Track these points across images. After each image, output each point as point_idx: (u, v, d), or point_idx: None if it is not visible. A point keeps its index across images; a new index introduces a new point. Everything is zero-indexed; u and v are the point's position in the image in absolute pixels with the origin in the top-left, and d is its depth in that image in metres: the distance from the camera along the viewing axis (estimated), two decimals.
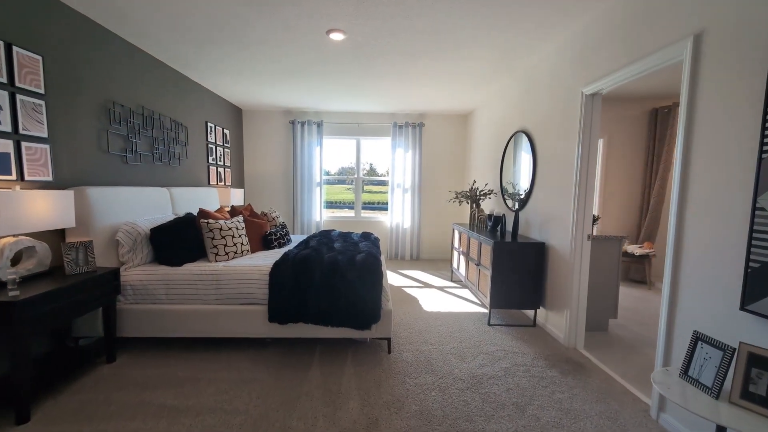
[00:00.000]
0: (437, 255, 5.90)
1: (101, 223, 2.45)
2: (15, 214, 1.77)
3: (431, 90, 4.25)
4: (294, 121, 5.49)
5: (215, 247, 2.76)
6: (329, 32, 2.68)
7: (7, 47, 1.97)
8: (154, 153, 3.32)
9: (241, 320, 2.48)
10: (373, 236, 3.85)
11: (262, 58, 3.32)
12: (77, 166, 2.48)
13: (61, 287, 1.90)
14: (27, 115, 2.08)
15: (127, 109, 2.95)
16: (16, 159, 2.02)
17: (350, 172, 6.04)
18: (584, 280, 2.64)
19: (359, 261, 2.57)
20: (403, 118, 5.61)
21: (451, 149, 5.72)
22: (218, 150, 4.72)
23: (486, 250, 3.19)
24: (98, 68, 2.65)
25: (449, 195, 5.76)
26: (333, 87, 4.19)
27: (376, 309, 2.42)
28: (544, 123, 3.10)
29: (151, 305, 2.48)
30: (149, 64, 3.25)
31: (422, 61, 3.29)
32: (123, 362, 2.34)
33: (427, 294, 3.92)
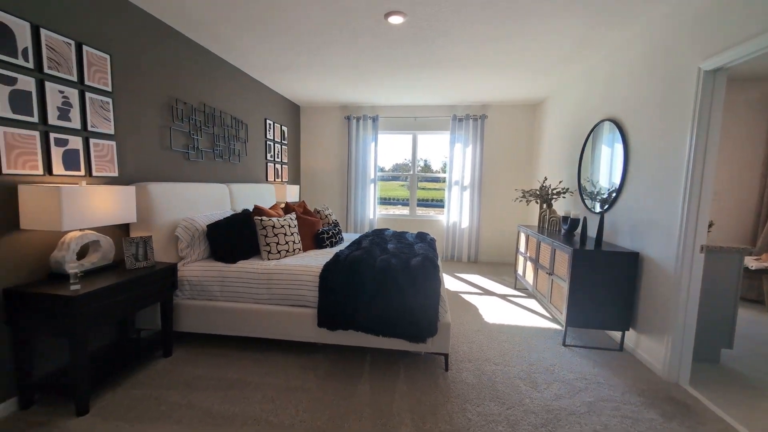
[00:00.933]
0: (498, 258, 5.44)
1: (162, 218, 2.49)
2: (81, 209, 1.80)
3: (497, 78, 3.84)
4: (349, 117, 5.39)
5: (268, 245, 2.70)
6: (388, 15, 2.45)
7: (78, 47, 2.03)
8: (215, 150, 3.38)
9: (292, 323, 2.38)
10: (429, 237, 3.58)
11: (319, 50, 3.20)
12: (141, 163, 2.54)
13: (119, 282, 1.92)
14: (95, 112, 2.14)
15: (189, 106, 3.01)
16: (84, 155, 2.09)
17: (404, 168, 5.80)
18: (694, 301, 2.12)
19: (414, 266, 2.32)
20: (464, 111, 5.22)
21: (517, 143, 5.21)
22: (276, 147, 4.76)
23: (562, 257, 2.75)
24: (162, 66, 2.70)
25: (514, 193, 5.26)
26: (390, 79, 3.97)
27: (433, 321, 2.16)
28: (640, 109, 2.58)
29: (206, 301, 2.47)
30: (211, 61, 3.30)
31: (489, 44, 2.92)
32: (178, 357, 2.36)
33: (488, 302, 3.55)
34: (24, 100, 1.77)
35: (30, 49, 1.79)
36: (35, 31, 1.81)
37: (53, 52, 1.89)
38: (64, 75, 1.95)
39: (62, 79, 1.95)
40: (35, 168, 1.84)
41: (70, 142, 1.99)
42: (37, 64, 1.83)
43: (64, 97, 1.96)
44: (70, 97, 1.99)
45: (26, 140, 1.79)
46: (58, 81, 1.92)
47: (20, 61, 1.74)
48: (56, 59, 1.91)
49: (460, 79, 3.94)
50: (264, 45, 3.10)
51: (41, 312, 1.71)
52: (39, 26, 1.82)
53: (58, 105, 1.93)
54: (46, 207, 1.72)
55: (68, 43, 1.97)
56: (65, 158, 1.97)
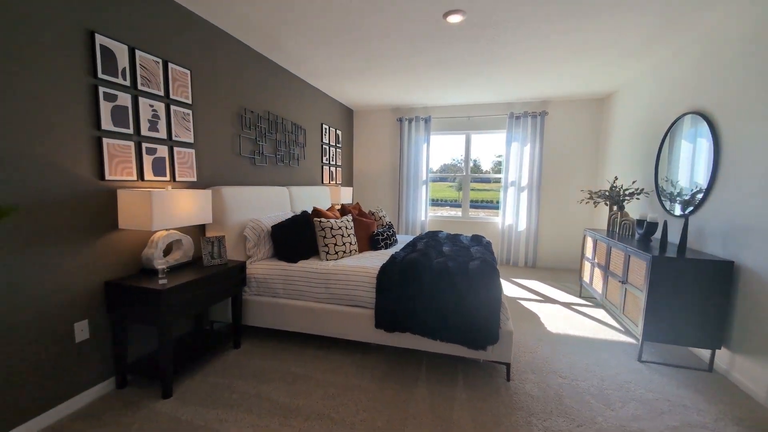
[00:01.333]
0: (558, 264, 5.11)
1: (232, 219, 2.68)
2: (167, 211, 2.00)
3: (559, 72, 3.61)
4: (402, 119, 5.41)
5: (326, 246, 2.78)
6: (446, 15, 2.41)
7: (164, 64, 2.26)
8: (277, 155, 3.57)
9: (349, 322, 2.43)
10: (484, 240, 3.47)
11: (374, 54, 3.24)
12: (215, 168, 2.76)
13: (199, 278, 2.10)
14: (178, 123, 2.37)
15: (256, 114, 3.21)
16: (169, 162, 2.32)
17: (452, 169, 5.68)
18: None
19: (473, 270, 2.26)
20: (521, 108, 4.99)
21: (580, 141, 4.86)
22: (331, 150, 4.92)
23: (637, 265, 2.51)
24: (233, 78, 2.92)
25: (577, 194, 4.91)
26: (444, 78, 3.92)
27: (494, 328, 2.08)
28: (740, 99, 2.27)
29: (270, 298, 2.61)
30: (274, 71, 3.49)
31: (554, 37, 2.76)
32: (246, 349, 2.52)
33: (550, 310, 3.35)
34: (122, 114, 2.00)
35: (127, 69, 2.02)
36: (131, 52, 2.05)
37: (145, 70, 2.12)
38: (154, 90, 2.18)
39: (152, 94, 2.18)
40: (131, 174, 2.07)
41: (158, 150, 2.22)
42: (133, 81, 2.06)
43: (153, 110, 2.19)
44: (158, 110, 2.22)
45: (124, 150, 2.02)
46: (148, 96, 2.15)
47: (120, 80, 1.98)
48: (147, 76, 2.14)
49: (519, 76, 3.77)
50: (321, 52, 3.22)
51: (135, 302, 1.92)
52: (135, 48, 2.06)
53: (149, 117, 2.16)
54: (140, 209, 1.93)
55: (156, 61, 2.20)
56: (154, 165, 2.20)
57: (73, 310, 1.84)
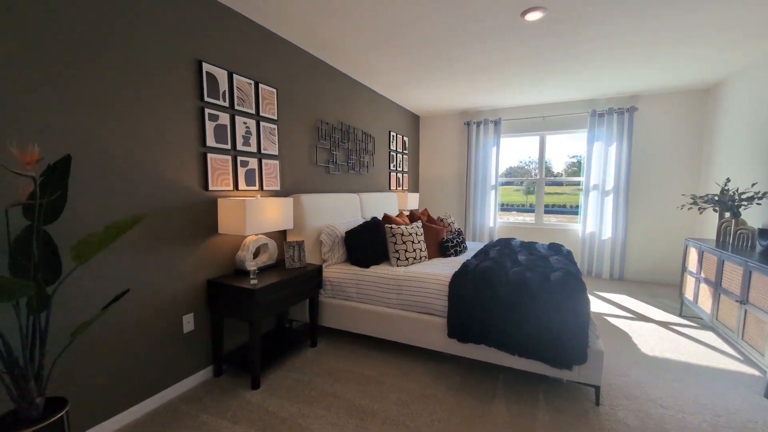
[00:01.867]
0: (650, 277, 4.53)
1: (310, 224, 2.86)
2: (257, 217, 2.20)
3: (654, 61, 3.22)
4: (469, 122, 5.28)
5: (397, 252, 2.82)
6: (525, 13, 2.31)
7: (255, 85, 2.50)
8: (349, 162, 3.73)
9: (421, 329, 2.42)
10: (564, 249, 3.22)
11: (443, 59, 3.22)
12: (295, 177, 2.97)
13: (283, 279, 2.27)
14: (266, 137, 2.60)
15: (330, 125, 3.39)
16: (258, 173, 2.55)
17: (518, 172, 5.38)
18: None
19: (555, 281, 2.10)
20: (605, 104, 4.56)
21: (679, 138, 4.27)
22: (398, 156, 4.99)
23: (763, 283, 2.12)
24: (311, 93, 3.12)
25: (675, 199, 4.31)
26: (517, 78, 3.74)
27: (581, 347, 1.91)
28: None
29: (344, 301, 2.72)
30: (347, 83, 3.66)
31: (652, 22, 2.47)
32: (322, 348, 2.65)
33: (645, 330, 2.98)
34: (222, 132, 2.26)
35: (227, 91, 2.28)
36: (230, 76, 2.30)
37: (240, 92, 2.37)
38: (247, 109, 2.43)
39: (245, 113, 2.42)
40: (228, 184, 2.32)
41: (249, 163, 2.46)
42: (231, 102, 2.32)
43: (246, 127, 2.43)
44: (250, 126, 2.46)
45: (223, 163, 2.27)
46: (243, 114, 2.40)
47: (221, 102, 2.24)
48: (242, 97, 2.38)
49: (603, 69, 3.45)
50: (390, 62, 3.28)
51: (231, 299, 2.14)
52: (233, 72, 2.31)
53: (242, 134, 2.40)
54: (235, 215, 2.15)
55: (249, 83, 2.45)
56: (246, 176, 2.44)
57: (182, 304, 2.11)
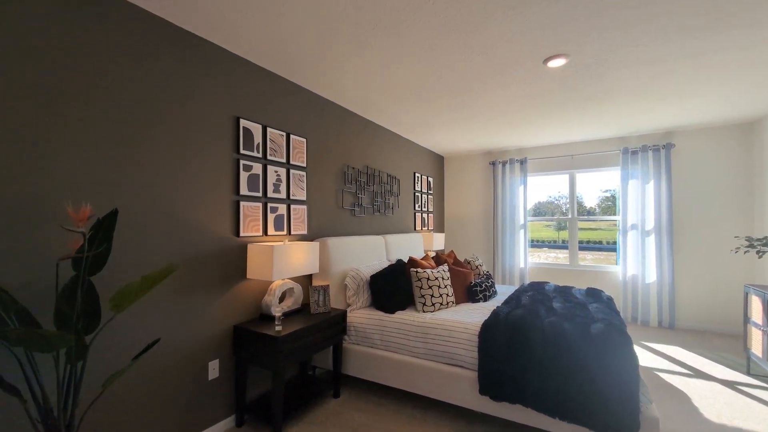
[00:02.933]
0: (706, 325, 4.09)
1: (335, 268, 2.85)
2: (284, 262, 2.23)
3: (689, 98, 3.13)
4: (494, 162, 5.27)
5: (422, 297, 2.74)
6: (548, 60, 2.34)
7: (287, 136, 2.64)
8: (374, 205, 3.77)
9: (449, 383, 2.27)
10: (604, 295, 2.99)
11: (467, 106, 3.29)
12: (321, 221, 3.03)
13: (308, 325, 2.24)
14: (295, 184, 2.70)
15: (356, 170, 3.49)
16: (287, 218, 2.62)
17: (548, 207, 5.21)
18: None
19: (597, 335, 1.94)
20: (638, 141, 4.42)
21: (725, 175, 4.01)
22: (423, 197, 5.00)
23: None
24: (338, 140, 3.25)
25: (728, 241, 3.97)
26: (543, 119, 3.74)
27: (633, 412, 1.70)
28: None
29: (368, 348, 2.63)
30: (371, 128, 3.80)
31: (683, 64, 2.42)
32: (345, 399, 2.54)
33: (706, 390, 2.64)
34: (255, 180, 2.37)
35: (260, 143, 2.42)
36: (264, 130, 2.45)
37: (273, 143, 2.51)
38: (278, 159, 2.55)
39: (277, 162, 2.54)
40: (257, 230, 2.39)
41: (278, 209, 2.54)
42: (264, 153, 2.45)
43: (277, 175, 2.54)
44: (281, 174, 2.57)
45: (254, 210, 2.36)
46: (274, 164, 2.52)
47: (255, 153, 2.37)
48: (274, 148, 2.52)
49: (635, 107, 3.38)
50: (415, 109, 3.40)
51: (255, 346, 2.12)
52: (267, 126, 2.47)
53: (273, 182, 2.51)
54: (263, 261, 2.19)
55: (282, 135, 2.59)
56: (275, 221, 2.52)
57: (209, 350, 2.11)
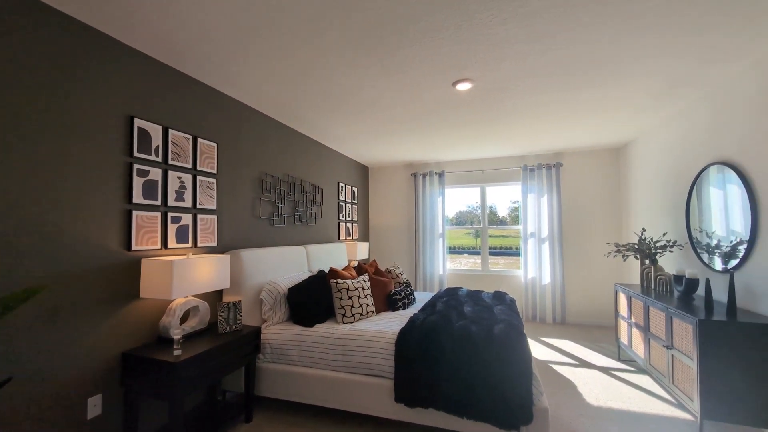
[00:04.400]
0: (590, 321, 4.77)
1: (250, 281, 2.68)
2: (187, 278, 2.02)
3: (572, 125, 3.66)
4: (416, 174, 5.52)
5: (342, 308, 2.71)
6: (456, 83, 2.54)
7: (194, 140, 2.42)
8: (295, 215, 3.65)
9: (368, 394, 2.27)
10: (508, 297, 3.30)
11: (388, 120, 3.41)
12: (235, 232, 2.83)
13: (213, 347, 2.04)
14: (203, 192, 2.48)
15: (276, 178, 3.35)
16: (192, 229, 2.39)
17: (468, 216, 5.65)
18: None
19: (498, 335, 2.11)
20: (535, 160, 5.02)
21: (600, 191, 4.77)
22: (347, 207, 5.01)
23: (682, 329, 2.30)
24: (255, 146, 3.09)
25: (602, 247, 4.71)
26: (456, 136, 4.04)
27: (527, 405, 1.88)
28: (765, 148, 2.20)
29: (284, 366, 2.50)
30: (293, 137, 3.70)
31: (565, 94, 2.83)
32: (258, 423, 2.37)
33: (588, 377, 3.05)
34: (152, 187, 2.12)
35: (160, 146, 2.18)
36: (165, 132, 2.22)
37: (176, 146, 2.28)
38: (183, 164, 2.32)
39: (181, 167, 2.31)
40: (155, 243, 2.13)
41: (182, 219, 2.30)
42: (164, 157, 2.21)
43: (181, 181, 2.31)
44: (186, 181, 2.34)
45: (151, 220, 2.10)
46: (177, 169, 2.29)
47: (153, 157, 2.12)
48: (177, 152, 2.29)
49: (531, 130, 3.84)
50: (337, 120, 3.41)
51: (148, 375, 1.87)
52: (168, 127, 2.23)
53: (176, 188, 2.27)
54: (161, 278, 1.95)
55: (187, 138, 2.37)
56: (178, 233, 2.27)
57: (88, 384, 1.80)
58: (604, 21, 1.86)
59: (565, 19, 1.84)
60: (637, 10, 1.78)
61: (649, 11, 1.78)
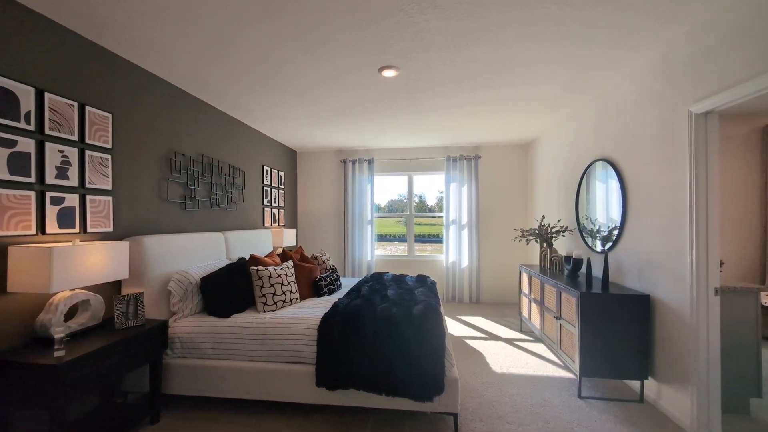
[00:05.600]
0: (500, 299, 5.30)
1: (156, 272, 2.42)
2: (73, 268, 1.75)
3: (489, 120, 3.96)
4: (345, 160, 5.49)
5: (264, 296, 2.61)
6: (381, 69, 2.56)
7: (80, 108, 2.08)
8: (212, 198, 3.38)
9: (288, 382, 2.23)
10: (429, 280, 3.49)
11: (314, 102, 3.31)
12: (137, 216, 2.52)
13: (107, 345, 1.81)
14: (94, 169, 2.15)
15: (187, 157, 3.04)
16: (80, 212, 2.07)
17: (399, 204, 5.83)
18: (715, 349, 2.02)
19: (417, 314, 2.23)
20: (457, 151, 5.34)
21: (511, 182, 5.27)
22: (273, 192, 4.79)
23: (568, 301, 2.67)
24: (162, 120, 2.77)
25: (512, 232, 5.24)
26: (384, 124, 4.09)
27: (439, 377, 2.03)
28: (633, 149, 2.63)
29: (197, 360, 2.34)
30: (210, 113, 3.39)
31: (480, 91, 3.04)
32: (167, 423, 2.19)
33: (495, 348, 3.40)
34: (22, 161, 1.77)
35: (33, 112, 1.82)
36: (39, 95, 1.86)
37: (56, 114, 1.93)
38: (65, 135, 1.98)
39: (63, 139, 1.97)
40: (28, 228, 1.80)
41: (66, 200, 1.98)
42: (39, 126, 1.86)
43: (64, 156, 1.97)
44: (70, 156, 2.00)
45: (21, 201, 1.77)
46: (58, 141, 1.95)
47: (22, 125, 1.77)
48: (58, 120, 1.94)
49: (453, 123, 4.06)
50: (258, 98, 3.21)
51: (20, 382, 1.59)
52: (44, 90, 1.87)
53: (57, 164, 1.93)
54: (36, 268, 1.66)
55: (71, 105, 2.02)
56: (60, 216, 1.95)
57: None
58: (510, 23, 2.02)
59: (476, 16, 1.95)
60: (533, 18, 1.97)
61: (542, 20, 1.98)
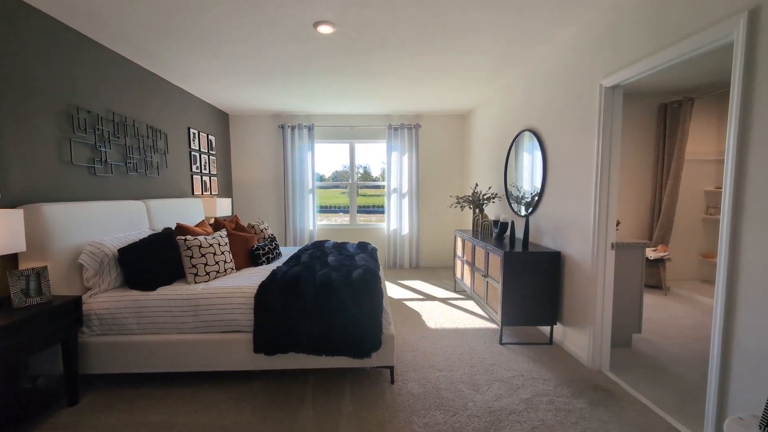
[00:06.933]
0: (438, 263, 5.62)
1: (62, 244, 2.14)
2: None
3: (428, 88, 3.99)
4: (284, 126, 5.21)
5: (194, 267, 2.46)
6: (317, 25, 2.41)
7: None
8: (128, 163, 3.02)
9: (224, 351, 2.18)
10: (370, 246, 3.57)
11: (245, 57, 3.04)
12: (33, 181, 2.17)
13: (3, 325, 1.60)
14: None
15: (94, 115, 2.65)
16: None
17: (344, 176, 5.76)
18: (609, 295, 2.37)
19: (356, 278, 2.28)
20: (399, 120, 5.34)
21: (449, 151, 5.46)
22: (202, 158, 4.42)
23: (494, 260, 2.91)
24: (57, 70, 2.35)
25: (449, 200, 5.49)
26: (324, 87, 3.92)
27: (377, 334, 2.13)
28: (555, 120, 2.85)
29: (120, 336, 2.17)
30: (121, 65, 2.95)
31: (419, 56, 3.02)
32: (87, 405, 2.03)
33: (430, 307, 3.63)
34: None
35: None
36: None
37: None
38: None
39: None
40: None
41: None
42: None
43: None
44: None
45: None
46: None
47: None
48: None
49: (394, 90, 4.03)
50: (179, 50, 2.86)
51: None
52: None
53: None
54: None
55: None
56: None
57: None
58: None
59: None
60: None
61: None
